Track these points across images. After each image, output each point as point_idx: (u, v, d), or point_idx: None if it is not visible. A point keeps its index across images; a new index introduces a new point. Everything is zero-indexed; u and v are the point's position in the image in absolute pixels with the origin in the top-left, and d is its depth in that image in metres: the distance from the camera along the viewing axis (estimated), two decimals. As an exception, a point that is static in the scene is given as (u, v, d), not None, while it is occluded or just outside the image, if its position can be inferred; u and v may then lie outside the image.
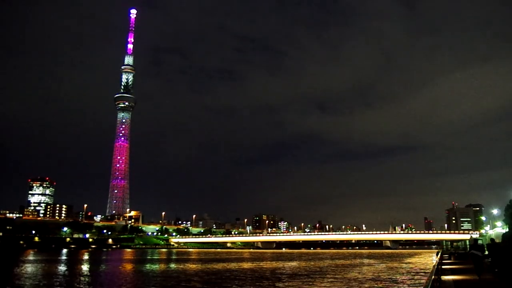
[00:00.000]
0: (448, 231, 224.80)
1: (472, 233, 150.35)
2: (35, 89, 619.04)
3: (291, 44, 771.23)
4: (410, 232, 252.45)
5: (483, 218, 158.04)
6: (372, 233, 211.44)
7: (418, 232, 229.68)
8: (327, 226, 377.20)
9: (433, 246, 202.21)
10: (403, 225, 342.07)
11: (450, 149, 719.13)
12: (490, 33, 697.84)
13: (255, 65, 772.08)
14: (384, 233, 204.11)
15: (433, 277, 16.57)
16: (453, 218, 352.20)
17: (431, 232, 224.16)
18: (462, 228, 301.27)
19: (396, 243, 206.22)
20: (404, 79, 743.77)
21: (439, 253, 53.32)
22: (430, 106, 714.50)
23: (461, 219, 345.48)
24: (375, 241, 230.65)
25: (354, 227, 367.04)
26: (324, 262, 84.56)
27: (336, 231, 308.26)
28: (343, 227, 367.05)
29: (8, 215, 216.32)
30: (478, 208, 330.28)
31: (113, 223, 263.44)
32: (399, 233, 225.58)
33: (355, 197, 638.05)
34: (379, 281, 44.34)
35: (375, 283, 43.00)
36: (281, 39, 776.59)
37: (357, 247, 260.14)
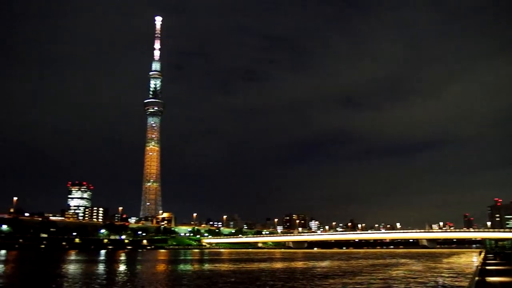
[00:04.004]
0: (492, 229, 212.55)
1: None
2: (71, 98, 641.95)
3: (314, 41, 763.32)
4: (448, 230, 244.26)
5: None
6: (408, 232, 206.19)
7: (458, 230, 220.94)
8: (359, 225, 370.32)
9: (474, 246, 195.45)
10: (441, 223, 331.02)
11: (488, 142, 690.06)
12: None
13: (279, 64, 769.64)
14: (420, 232, 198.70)
15: (476, 278, 16.05)
16: (497, 215, 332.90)
17: (472, 230, 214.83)
18: (507, 226, 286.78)
19: (434, 242, 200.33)
20: (434, 70, 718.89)
21: (483, 253, 51.35)
22: (463, 97, 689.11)
23: (506, 216, 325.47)
24: (411, 240, 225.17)
25: (388, 226, 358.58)
26: (357, 262, 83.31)
27: (369, 230, 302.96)
28: (376, 225, 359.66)
29: (51, 218, 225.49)
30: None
31: (141, 224, 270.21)
32: (437, 232, 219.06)
33: (388, 194, 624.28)
34: (417, 282, 43.26)
35: (413, 283, 41.99)
36: (304, 36, 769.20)
37: (392, 246, 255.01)
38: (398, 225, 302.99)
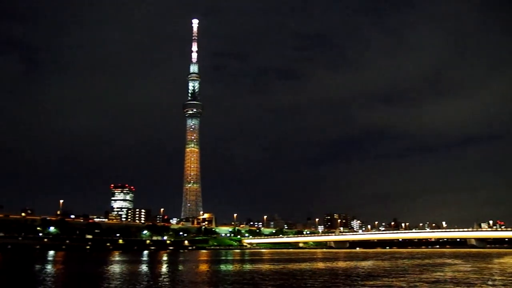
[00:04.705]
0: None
1: None
2: (110, 101, 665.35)
3: (352, 37, 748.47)
4: (499, 229, 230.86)
5: None
6: (455, 231, 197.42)
7: (510, 229, 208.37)
8: (403, 224, 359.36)
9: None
10: (490, 221, 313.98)
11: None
12: None
13: (316, 62, 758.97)
14: (468, 231, 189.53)
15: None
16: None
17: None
18: None
19: (483, 242, 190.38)
20: (478, 63, 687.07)
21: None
22: (510, 90, 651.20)
23: None
24: (458, 240, 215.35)
25: (433, 225, 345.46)
26: (402, 262, 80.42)
27: (413, 229, 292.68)
28: (421, 224, 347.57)
29: (95, 219, 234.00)
30: None
31: (182, 224, 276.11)
32: (487, 231, 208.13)
33: (433, 192, 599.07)
34: (467, 283, 40.77)
35: (463, 285, 39.58)
36: (341, 33, 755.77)
37: (438, 246, 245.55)
38: (444, 223, 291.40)
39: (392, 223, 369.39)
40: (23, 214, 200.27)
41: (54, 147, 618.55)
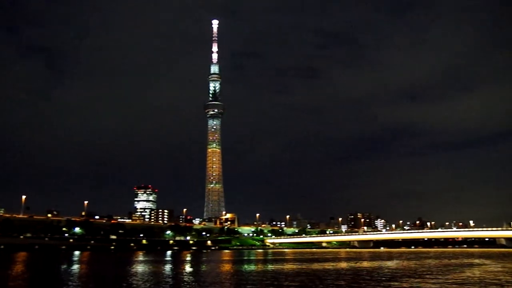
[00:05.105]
0: None
1: None
2: (132, 103, 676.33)
3: (373, 34, 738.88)
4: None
5: None
6: (483, 230, 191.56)
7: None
8: (428, 223, 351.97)
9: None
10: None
11: None
12: None
13: (337, 60, 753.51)
14: (497, 230, 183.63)
15: None
16: None
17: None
18: None
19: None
20: (502, 57, 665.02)
21: None
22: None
23: None
24: (487, 239, 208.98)
25: (460, 224, 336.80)
26: (428, 262, 78.36)
27: (439, 228, 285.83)
28: (447, 223, 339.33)
29: (119, 220, 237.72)
30: None
31: (203, 224, 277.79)
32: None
33: (459, 190, 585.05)
34: (499, 285, 39.15)
35: (492, 286, 38.02)
36: (362, 30, 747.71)
37: (465, 246, 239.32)
38: (471, 222, 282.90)
39: (417, 222, 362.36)
40: (49, 215, 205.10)
41: (78, 149, 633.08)
